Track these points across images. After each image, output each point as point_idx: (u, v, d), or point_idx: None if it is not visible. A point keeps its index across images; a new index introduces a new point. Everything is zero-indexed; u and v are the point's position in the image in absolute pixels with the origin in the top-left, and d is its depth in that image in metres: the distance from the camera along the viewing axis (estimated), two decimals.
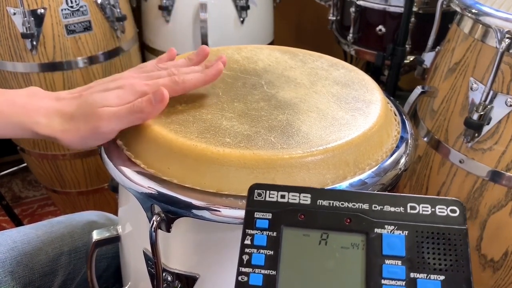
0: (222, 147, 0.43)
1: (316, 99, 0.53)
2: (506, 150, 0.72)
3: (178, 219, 0.44)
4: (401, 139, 0.51)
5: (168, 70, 0.51)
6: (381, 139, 0.49)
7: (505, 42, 0.67)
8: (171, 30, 1.33)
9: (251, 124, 0.47)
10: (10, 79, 1.13)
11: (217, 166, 0.43)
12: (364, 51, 1.28)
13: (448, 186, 0.81)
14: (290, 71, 0.59)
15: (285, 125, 0.47)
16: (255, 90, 0.54)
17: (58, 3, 1.07)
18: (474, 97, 0.74)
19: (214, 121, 0.48)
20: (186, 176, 0.44)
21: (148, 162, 0.46)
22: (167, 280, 0.50)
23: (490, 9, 0.70)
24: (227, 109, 0.50)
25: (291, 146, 0.44)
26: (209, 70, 0.51)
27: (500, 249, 0.78)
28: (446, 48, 0.83)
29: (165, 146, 0.45)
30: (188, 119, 0.48)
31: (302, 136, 0.46)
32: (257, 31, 1.41)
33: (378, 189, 0.45)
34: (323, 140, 0.45)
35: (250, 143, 0.44)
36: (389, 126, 0.52)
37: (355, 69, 0.61)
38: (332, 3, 1.36)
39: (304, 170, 0.43)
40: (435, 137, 0.82)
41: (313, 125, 0.48)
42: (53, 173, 1.30)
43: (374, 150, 0.48)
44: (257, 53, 0.63)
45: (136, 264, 0.56)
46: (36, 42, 1.07)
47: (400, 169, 0.48)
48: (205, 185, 0.43)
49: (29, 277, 0.60)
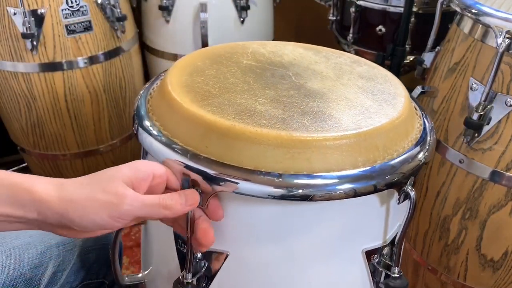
0: (260, 127, 0.45)
1: (344, 90, 0.55)
2: (506, 150, 0.72)
3: (213, 196, 0.46)
4: (423, 130, 0.54)
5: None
6: (406, 128, 0.51)
7: (505, 42, 0.67)
8: (171, 30, 1.34)
9: (284, 109, 0.49)
10: (10, 79, 1.13)
11: (255, 145, 0.45)
12: (364, 51, 1.28)
13: (448, 186, 0.81)
14: (315, 65, 0.61)
15: (316, 111, 0.49)
16: (284, 80, 0.56)
17: (58, 3, 1.07)
18: (474, 97, 0.74)
19: (248, 105, 0.49)
20: (224, 154, 0.45)
21: (185, 141, 0.48)
22: (196, 258, 0.51)
23: (490, 9, 0.70)
24: (259, 95, 0.52)
25: (324, 129, 0.46)
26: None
27: (500, 249, 0.78)
28: (446, 48, 0.83)
29: (203, 126, 0.46)
30: (223, 103, 0.49)
31: (335, 121, 0.48)
32: (257, 31, 1.41)
33: (401, 177, 0.47)
34: (355, 125, 0.47)
35: (285, 125, 0.46)
36: (413, 117, 0.54)
37: (377, 66, 0.62)
38: (332, 3, 1.36)
39: (338, 152, 0.45)
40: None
41: (343, 112, 0.50)
42: (53, 173, 1.30)
43: (401, 138, 0.50)
44: (281, 48, 0.65)
45: (161, 247, 0.58)
46: (36, 42, 1.07)
47: (426, 154, 0.50)
48: (242, 162, 0.45)
49: (19, 270, 0.61)
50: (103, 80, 1.19)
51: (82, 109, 1.19)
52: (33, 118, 1.18)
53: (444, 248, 0.85)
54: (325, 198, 0.44)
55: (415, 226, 0.91)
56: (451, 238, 0.83)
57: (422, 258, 0.91)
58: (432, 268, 0.89)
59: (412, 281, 0.98)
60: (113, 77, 1.22)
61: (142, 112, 0.53)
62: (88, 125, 1.22)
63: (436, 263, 0.88)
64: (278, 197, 0.44)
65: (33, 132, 1.21)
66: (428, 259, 0.90)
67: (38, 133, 1.20)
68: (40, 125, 1.19)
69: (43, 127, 1.19)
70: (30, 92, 1.13)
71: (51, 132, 1.20)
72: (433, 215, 0.86)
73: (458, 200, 0.80)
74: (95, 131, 1.24)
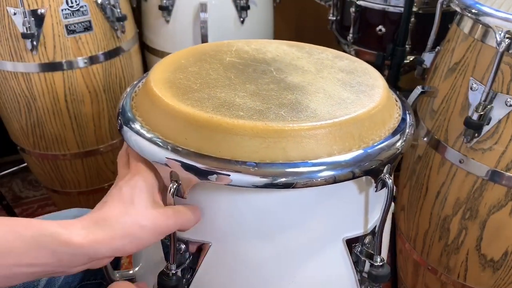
0: (237, 118, 0.47)
1: (323, 83, 0.56)
2: (506, 150, 0.72)
3: (194, 186, 0.47)
4: (402, 120, 0.55)
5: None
6: (383, 118, 0.53)
7: (505, 42, 0.67)
8: (171, 30, 1.34)
9: (263, 102, 0.51)
10: (10, 79, 1.13)
11: (232, 135, 0.46)
12: (364, 51, 1.28)
13: (448, 186, 0.81)
14: (297, 61, 0.62)
15: (294, 103, 0.51)
16: (265, 75, 0.57)
17: (59, 3, 1.07)
18: (474, 97, 0.74)
19: (228, 99, 0.51)
20: (202, 146, 0.47)
21: (165, 134, 0.49)
22: (180, 250, 0.52)
23: (490, 9, 0.70)
24: (239, 89, 0.53)
25: (300, 119, 0.48)
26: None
27: (500, 249, 0.78)
28: (446, 48, 0.83)
29: (183, 118, 0.48)
30: (203, 97, 0.51)
31: (311, 111, 0.49)
32: (257, 31, 1.41)
33: (377, 165, 0.48)
34: (330, 115, 0.49)
35: (262, 116, 0.48)
36: (391, 107, 0.56)
37: (358, 60, 0.64)
38: (332, 3, 1.37)
39: (313, 140, 0.47)
40: (435, 137, 0.82)
41: (320, 103, 0.51)
42: (53, 173, 1.30)
43: (378, 127, 0.51)
44: (266, 45, 0.67)
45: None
46: (36, 42, 1.07)
47: (403, 143, 0.51)
48: (220, 153, 0.46)
49: None
50: (103, 80, 1.19)
51: (82, 109, 1.19)
52: (33, 118, 1.18)
53: (444, 248, 0.85)
54: (306, 185, 0.45)
55: (415, 226, 0.91)
56: (451, 238, 0.83)
57: (422, 258, 0.91)
58: (432, 268, 0.89)
59: (412, 281, 0.98)
60: (113, 77, 1.22)
61: (127, 108, 0.54)
62: (88, 125, 1.22)
63: (436, 263, 0.88)
64: (259, 185, 0.45)
65: (33, 132, 1.21)
66: (428, 259, 0.90)
67: (38, 133, 1.20)
68: (40, 125, 1.19)
69: (43, 127, 1.19)
70: (30, 92, 1.13)
71: (51, 132, 1.20)
72: (433, 215, 0.86)
73: (458, 200, 0.80)
74: (95, 131, 1.24)
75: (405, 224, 0.95)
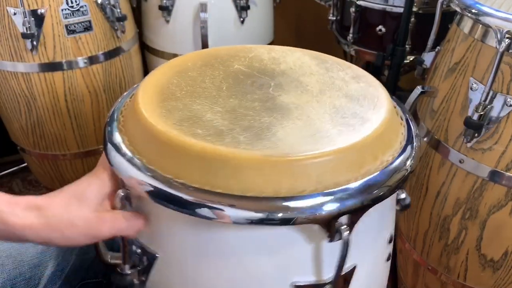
0: (189, 137, 0.45)
1: (314, 108, 0.51)
2: (506, 150, 0.72)
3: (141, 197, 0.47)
4: (391, 163, 0.47)
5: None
6: (355, 160, 0.46)
7: (505, 42, 0.67)
8: (171, 30, 1.34)
9: (231, 121, 0.48)
10: (10, 79, 1.13)
11: (176, 153, 0.45)
12: (364, 51, 1.28)
13: (448, 186, 0.81)
14: (306, 77, 0.57)
15: (263, 128, 0.47)
16: (259, 90, 0.54)
17: (59, 3, 1.07)
18: (474, 97, 0.74)
19: (198, 113, 0.49)
20: (151, 158, 0.46)
21: (131, 140, 0.49)
22: (136, 253, 0.52)
23: (490, 9, 0.70)
24: (219, 103, 0.51)
25: (254, 147, 0.44)
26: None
27: (500, 249, 0.78)
28: (446, 48, 0.83)
29: (143, 126, 0.47)
30: (177, 107, 0.50)
31: (273, 141, 0.45)
32: (257, 31, 1.41)
33: (324, 216, 0.43)
34: (291, 149, 0.44)
35: (217, 138, 0.45)
36: (376, 148, 0.48)
37: (377, 85, 0.57)
38: (332, 3, 1.36)
39: (258, 173, 0.43)
40: (435, 137, 0.82)
41: (290, 133, 0.47)
42: (53, 173, 1.30)
43: (343, 172, 0.45)
44: (287, 55, 0.62)
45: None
46: (36, 42, 1.07)
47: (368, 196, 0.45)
48: (166, 169, 0.45)
49: (18, 269, 0.62)
50: (103, 80, 1.19)
51: (82, 109, 1.19)
52: (33, 118, 1.18)
53: (444, 248, 0.85)
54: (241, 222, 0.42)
55: (415, 226, 0.91)
56: (451, 238, 0.83)
57: (422, 258, 0.91)
58: (432, 268, 0.89)
59: (412, 281, 0.98)
60: (113, 77, 1.22)
61: (115, 111, 0.55)
62: (88, 125, 1.22)
63: (436, 263, 0.88)
64: (191, 214, 0.43)
65: (33, 132, 1.21)
66: (428, 259, 0.90)
67: (38, 133, 1.20)
68: (40, 125, 1.19)
69: (43, 127, 1.19)
70: (30, 92, 1.13)
71: (51, 132, 1.20)
72: (433, 215, 0.86)
73: (458, 200, 0.80)
74: (95, 131, 1.24)
75: (405, 224, 0.95)
